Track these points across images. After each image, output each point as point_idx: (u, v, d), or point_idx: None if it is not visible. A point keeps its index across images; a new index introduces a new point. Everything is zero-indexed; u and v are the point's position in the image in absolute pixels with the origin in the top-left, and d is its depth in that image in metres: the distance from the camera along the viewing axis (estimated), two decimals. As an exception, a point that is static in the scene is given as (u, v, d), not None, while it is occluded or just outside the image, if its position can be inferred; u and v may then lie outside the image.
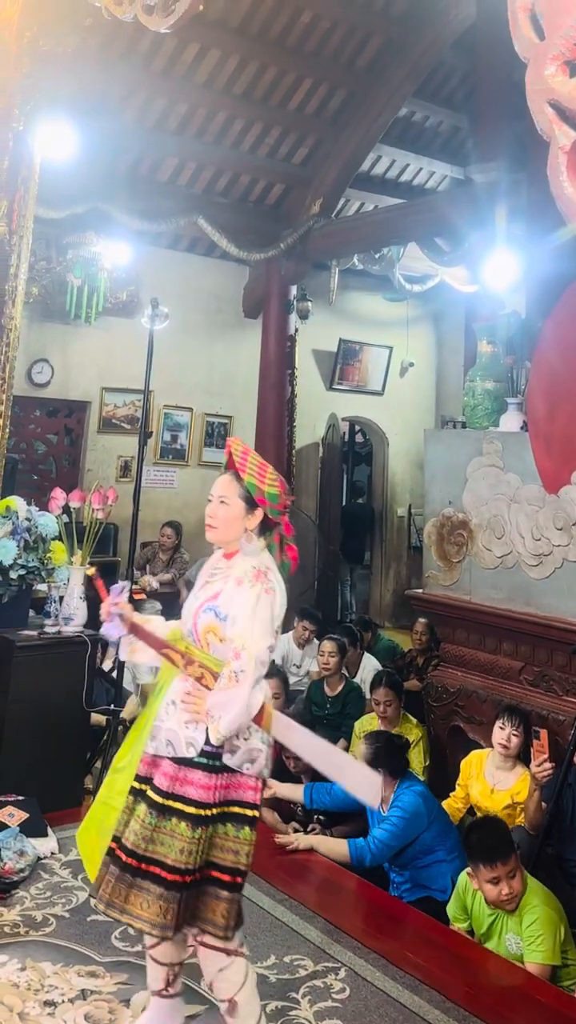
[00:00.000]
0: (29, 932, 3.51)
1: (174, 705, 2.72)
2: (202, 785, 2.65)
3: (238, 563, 2.77)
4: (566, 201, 1.56)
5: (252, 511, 2.77)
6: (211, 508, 2.81)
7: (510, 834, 3.82)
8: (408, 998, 3.25)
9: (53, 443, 9.32)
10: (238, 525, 2.78)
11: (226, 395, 10.22)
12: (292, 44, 8.43)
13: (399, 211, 9.27)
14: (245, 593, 2.67)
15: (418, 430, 11.15)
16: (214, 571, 2.84)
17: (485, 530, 5.30)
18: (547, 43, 1.56)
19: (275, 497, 2.77)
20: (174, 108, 8.47)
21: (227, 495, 2.78)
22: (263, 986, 3.25)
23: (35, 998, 3.12)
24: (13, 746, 4.50)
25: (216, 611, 2.71)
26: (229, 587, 2.71)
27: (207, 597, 2.76)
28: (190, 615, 2.79)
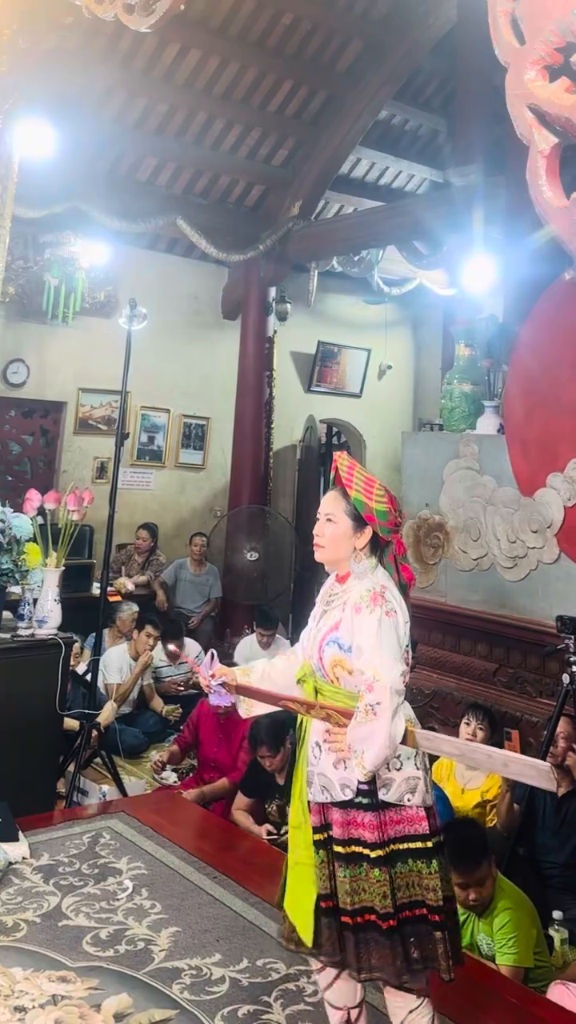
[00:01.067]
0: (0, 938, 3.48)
1: (319, 747, 2.60)
2: (371, 825, 2.52)
3: (354, 587, 2.62)
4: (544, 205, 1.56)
5: (360, 529, 2.64)
6: (318, 527, 2.70)
7: (485, 841, 3.79)
8: (379, 1000, 3.22)
9: (28, 444, 9.24)
10: (346, 544, 2.65)
11: (204, 397, 10.20)
12: (273, 46, 8.44)
13: (378, 214, 9.31)
14: (366, 620, 2.52)
15: (396, 432, 11.15)
16: (331, 597, 2.69)
17: (461, 532, 5.32)
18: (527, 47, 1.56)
19: (384, 514, 2.62)
20: (154, 108, 8.45)
21: (334, 512, 2.66)
22: (235, 990, 3.25)
23: (5, 1003, 3.09)
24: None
25: (339, 643, 2.56)
26: (348, 615, 2.56)
27: (328, 628, 2.61)
28: (315, 647, 2.64)
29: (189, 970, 3.36)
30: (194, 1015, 3.10)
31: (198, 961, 3.42)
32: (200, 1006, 3.15)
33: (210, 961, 3.43)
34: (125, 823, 4.51)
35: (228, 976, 3.34)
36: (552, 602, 4.75)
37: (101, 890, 3.86)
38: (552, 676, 4.79)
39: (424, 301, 11.09)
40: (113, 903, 3.75)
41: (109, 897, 3.80)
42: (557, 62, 1.52)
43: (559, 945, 3.83)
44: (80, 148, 7.86)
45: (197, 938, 3.57)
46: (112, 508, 5.49)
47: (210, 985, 3.28)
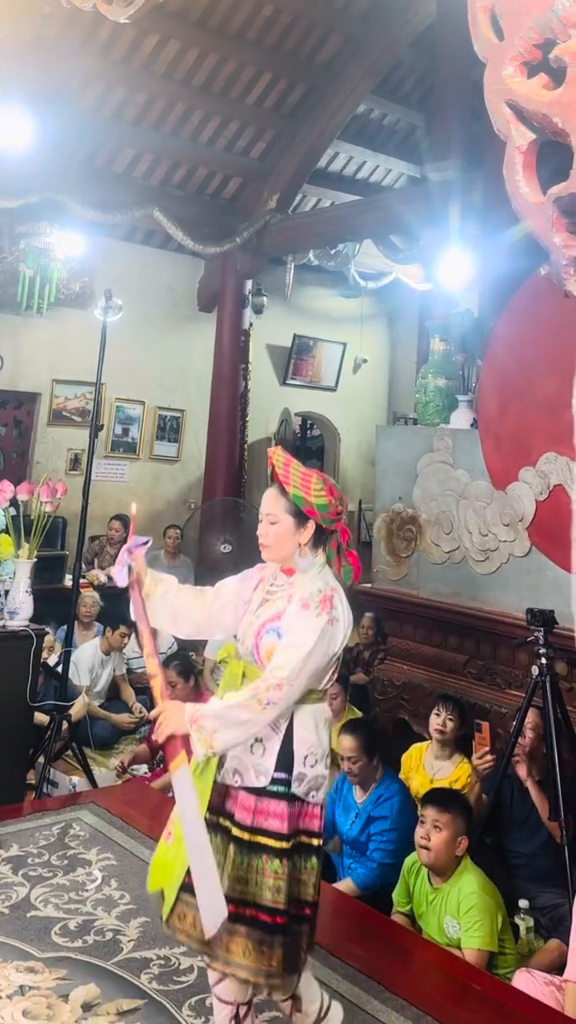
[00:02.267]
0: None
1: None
2: (281, 815, 2.50)
3: (300, 582, 2.62)
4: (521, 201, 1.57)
5: (303, 525, 2.62)
6: (261, 528, 2.67)
7: (462, 799, 3.94)
8: (347, 988, 3.26)
9: (1, 435, 9.19)
10: (291, 541, 2.63)
11: (179, 389, 10.19)
12: (252, 38, 8.42)
13: (355, 208, 9.31)
14: (311, 621, 2.51)
15: (370, 426, 11.18)
16: (273, 587, 2.68)
17: (434, 525, 5.34)
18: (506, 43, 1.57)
19: (325, 507, 2.61)
20: (132, 99, 8.42)
21: (274, 512, 2.64)
22: (203, 979, 3.25)
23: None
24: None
25: (277, 631, 2.56)
26: (293, 608, 2.55)
27: (269, 617, 2.60)
28: (251, 634, 2.63)
29: (157, 960, 3.36)
30: (162, 1004, 3.11)
31: (166, 951, 3.42)
32: (168, 996, 3.16)
33: (178, 951, 3.43)
34: (95, 814, 4.50)
35: (196, 966, 3.34)
36: (523, 595, 4.78)
37: (70, 881, 3.85)
38: (522, 668, 4.82)
39: (400, 295, 11.12)
40: (82, 894, 3.75)
41: (78, 888, 3.80)
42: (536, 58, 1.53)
43: (524, 933, 3.87)
44: (57, 138, 7.82)
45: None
46: (85, 500, 5.48)
47: (178, 975, 3.29)
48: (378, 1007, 3.16)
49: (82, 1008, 3.05)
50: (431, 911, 3.76)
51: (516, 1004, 3.26)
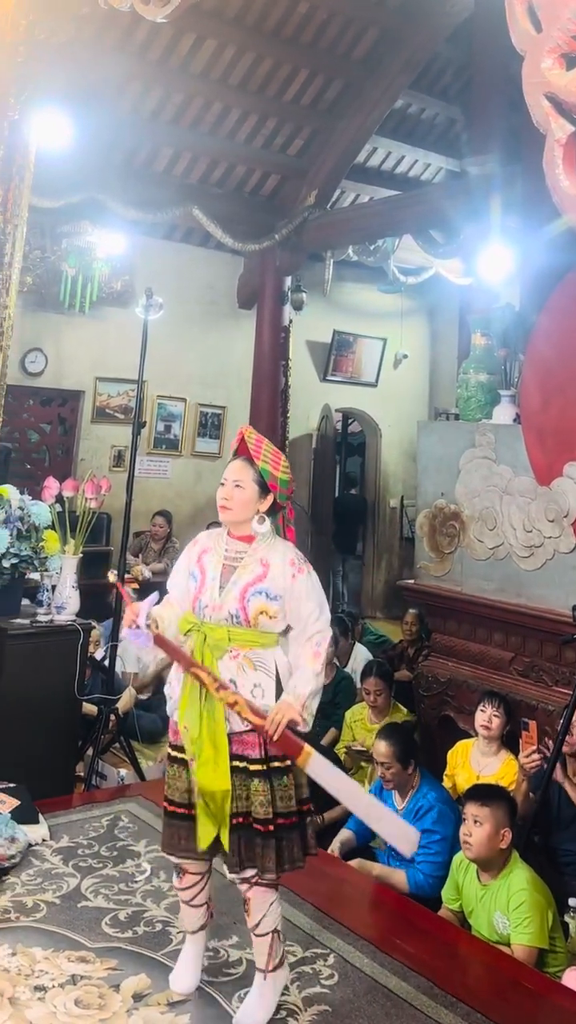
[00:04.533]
0: (20, 918, 3.52)
1: (233, 684, 2.88)
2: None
3: (267, 546, 2.97)
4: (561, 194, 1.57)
5: (264, 495, 2.96)
6: (226, 491, 2.96)
7: (502, 792, 3.95)
8: (396, 984, 3.27)
9: (46, 432, 9.32)
10: (252, 507, 2.95)
11: (220, 385, 10.23)
12: (288, 35, 8.41)
13: (394, 203, 9.28)
14: (305, 582, 2.93)
15: (411, 422, 11.15)
16: (237, 555, 2.97)
17: (477, 521, 5.32)
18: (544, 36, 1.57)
19: (286, 483, 2.99)
20: (170, 98, 8.45)
21: (242, 479, 2.95)
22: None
23: (25, 983, 3.14)
24: (5, 733, 4.51)
25: (267, 592, 2.89)
26: (276, 570, 2.91)
27: (249, 581, 2.90)
28: (233, 599, 2.90)
29: (207, 952, 3.38)
30: (211, 996, 3.14)
31: (215, 943, 3.45)
32: (217, 987, 3.19)
33: (227, 943, 3.47)
34: (143, 807, 4.56)
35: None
36: (568, 591, 4.75)
37: (119, 872, 3.91)
38: (568, 665, 4.80)
39: (440, 290, 11.06)
40: (131, 885, 3.80)
41: (127, 879, 3.85)
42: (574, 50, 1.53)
43: (575, 932, 3.85)
44: (96, 138, 7.87)
45: (215, 921, 3.61)
46: (129, 496, 5.52)
47: (227, 967, 3.32)
48: (427, 1003, 3.17)
49: (133, 998, 3.09)
50: (481, 907, 3.75)
51: (566, 1002, 3.26)
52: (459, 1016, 3.11)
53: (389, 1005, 3.15)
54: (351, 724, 5.64)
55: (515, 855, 3.78)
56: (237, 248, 9.25)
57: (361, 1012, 3.11)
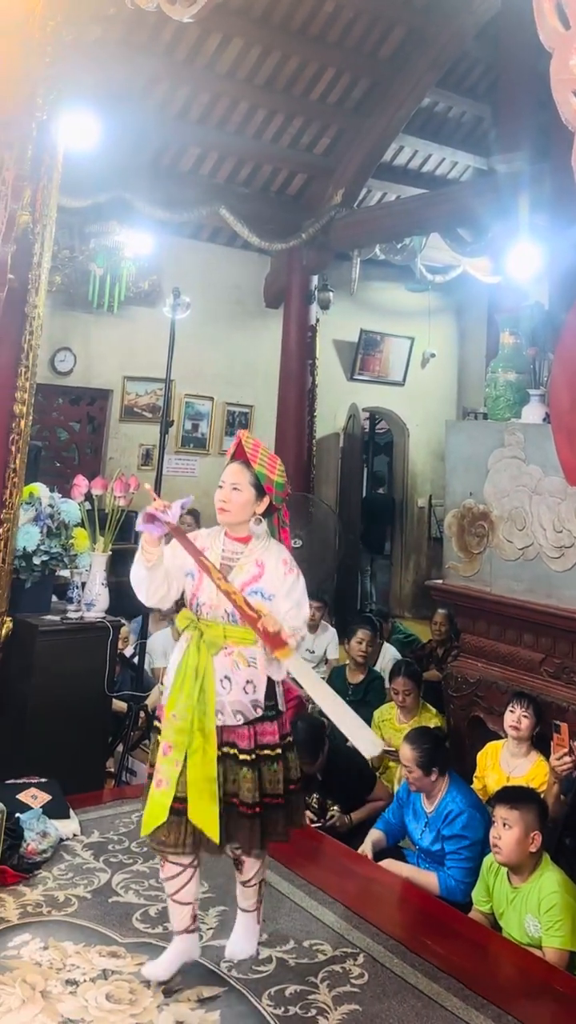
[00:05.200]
0: (52, 912, 3.55)
1: (228, 680, 3.03)
2: (273, 731, 3.11)
3: (261, 548, 3.10)
4: (590, 191, 1.56)
5: (261, 498, 3.09)
6: (224, 493, 3.09)
7: (532, 794, 3.91)
8: (427, 985, 3.26)
9: (75, 431, 9.40)
10: (248, 509, 3.09)
11: (247, 385, 10.25)
12: (314, 33, 8.40)
13: (421, 201, 9.24)
14: (299, 583, 3.08)
15: (439, 421, 11.10)
16: (234, 555, 3.10)
17: (506, 522, 5.29)
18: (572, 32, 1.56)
19: (282, 486, 3.13)
20: (196, 97, 8.47)
21: (239, 482, 3.08)
22: (282, 970, 3.29)
23: (57, 977, 3.16)
24: (37, 729, 4.55)
25: (262, 592, 3.03)
26: (271, 571, 3.04)
27: (246, 580, 3.03)
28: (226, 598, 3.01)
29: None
30: (241, 993, 3.15)
31: (245, 940, 3.47)
32: (247, 984, 3.20)
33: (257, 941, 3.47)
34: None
35: (275, 956, 3.38)
36: (600, 593, 4.72)
37: (150, 868, 3.92)
38: (600, 666, 4.77)
39: (468, 289, 11.01)
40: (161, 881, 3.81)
41: (157, 875, 3.84)
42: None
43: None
44: (123, 138, 7.90)
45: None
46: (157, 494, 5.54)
47: (257, 964, 3.33)
48: (457, 1004, 3.16)
49: (164, 994, 3.10)
50: (511, 910, 3.73)
51: (600, 1004, 3.24)
52: (490, 1018, 3.10)
53: (419, 1006, 3.15)
54: (379, 723, 5.62)
55: (546, 858, 3.75)
56: (264, 247, 9.26)
57: (391, 1012, 3.11)
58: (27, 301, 4.60)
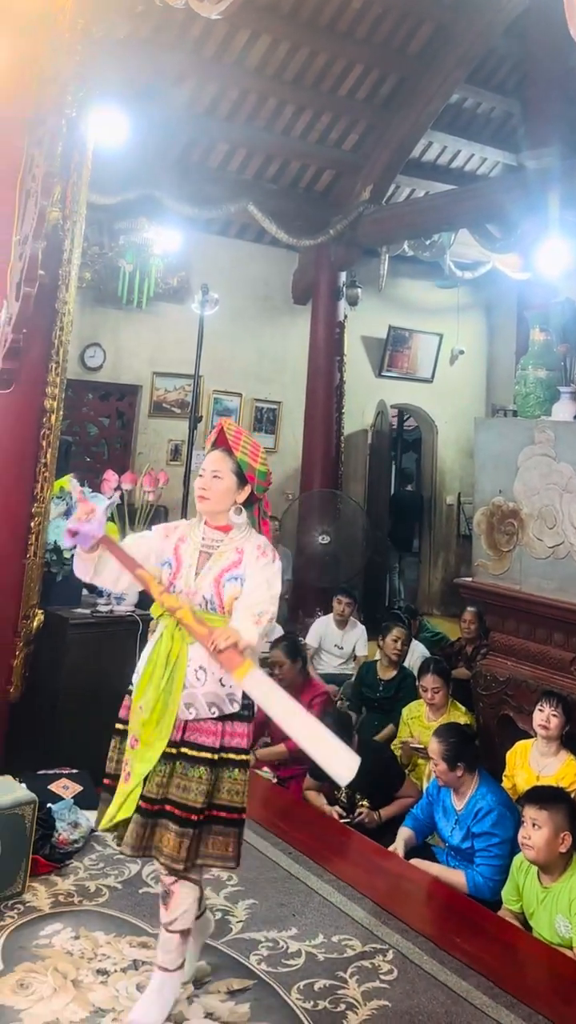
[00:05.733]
0: (83, 902, 3.58)
1: (204, 671, 2.89)
2: (245, 735, 2.95)
3: (242, 536, 3.01)
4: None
5: (242, 486, 3.01)
6: (204, 481, 3.01)
7: (562, 794, 3.89)
8: (456, 982, 3.26)
9: (105, 426, 9.45)
10: (229, 498, 3.00)
11: (275, 381, 10.25)
12: (343, 30, 8.37)
13: (450, 197, 9.19)
14: (269, 567, 2.95)
15: (468, 418, 11.05)
16: (213, 543, 3.01)
17: (536, 520, 5.26)
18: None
19: (264, 475, 3.05)
20: (224, 94, 8.47)
21: (220, 470, 3.00)
22: (311, 964, 3.29)
23: (88, 966, 3.19)
24: (67, 721, 4.58)
25: (241, 579, 2.93)
26: (249, 558, 2.95)
27: (224, 567, 2.95)
28: (207, 584, 2.93)
29: (266, 942, 3.42)
30: (271, 986, 3.16)
31: (275, 934, 3.47)
32: (277, 978, 3.21)
33: (286, 935, 3.48)
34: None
35: (304, 950, 3.39)
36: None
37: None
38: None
39: (497, 285, 10.94)
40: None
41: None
42: None
43: None
44: (152, 135, 7.91)
45: (273, 911, 3.63)
46: (186, 489, 5.57)
47: (286, 958, 3.34)
48: (487, 1002, 3.15)
49: (193, 985, 3.11)
50: (542, 909, 3.71)
51: None
52: (520, 1017, 3.09)
53: (449, 1003, 3.14)
54: (408, 720, 5.61)
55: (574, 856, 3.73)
56: (292, 244, 9.24)
57: (420, 1009, 3.10)
58: (57, 297, 4.62)
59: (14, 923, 3.43)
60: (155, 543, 3.06)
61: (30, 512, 4.48)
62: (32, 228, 4.01)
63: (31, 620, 4.53)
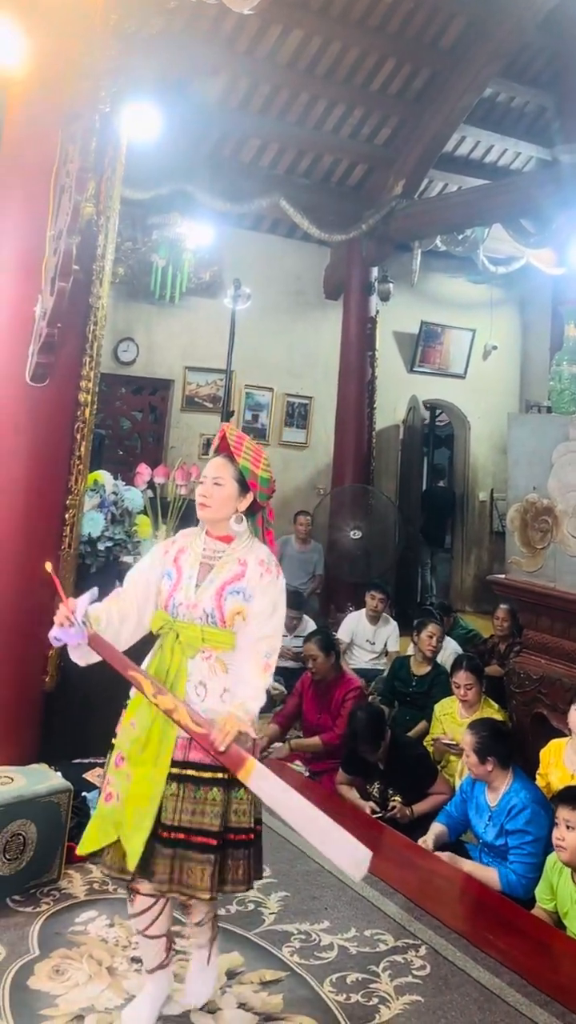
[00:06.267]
0: (117, 890, 3.59)
1: (203, 687, 2.79)
2: (248, 749, 2.73)
3: (244, 547, 2.90)
4: None
5: (244, 494, 2.91)
6: (205, 488, 2.90)
7: None
8: (489, 979, 3.24)
9: (138, 420, 9.52)
10: (231, 505, 2.89)
11: (307, 376, 10.25)
12: (374, 24, 8.35)
13: (483, 192, 9.13)
14: (276, 585, 2.86)
15: (501, 414, 10.95)
16: (213, 553, 2.90)
17: (571, 517, 5.19)
18: None
19: (267, 482, 2.93)
20: (257, 89, 8.48)
21: (221, 476, 2.90)
22: (344, 957, 3.29)
23: (123, 954, 3.21)
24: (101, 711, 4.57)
25: (244, 592, 2.81)
26: (252, 572, 2.83)
27: (226, 580, 2.83)
28: (208, 598, 2.81)
29: (298, 934, 3.42)
30: (303, 978, 3.16)
31: (307, 926, 3.47)
32: (309, 970, 3.21)
33: (319, 927, 3.48)
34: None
35: (337, 943, 3.38)
36: None
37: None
38: None
39: (531, 280, 10.85)
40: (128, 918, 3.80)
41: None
42: None
43: None
44: (184, 130, 7.94)
45: (306, 904, 3.63)
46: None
47: (319, 950, 3.34)
48: (520, 1000, 3.14)
49: (226, 975, 3.12)
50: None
51: None
52: (553, 1015, 3.06)
53: (481, 999, 3.13)
54: (440, 717, 5.58)
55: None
56: (324, 238, 9.24)
57: (453, 1004, 3.09)
58: (91, 292, 4.63)
59: (50, 909, 3.47)
60: (155, 569, 2.93)
61: (64, 504, 4.50)
62: (66, 223, 4.03)
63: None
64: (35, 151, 4.39)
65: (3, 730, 4.27)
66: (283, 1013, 2.98)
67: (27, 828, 3.54)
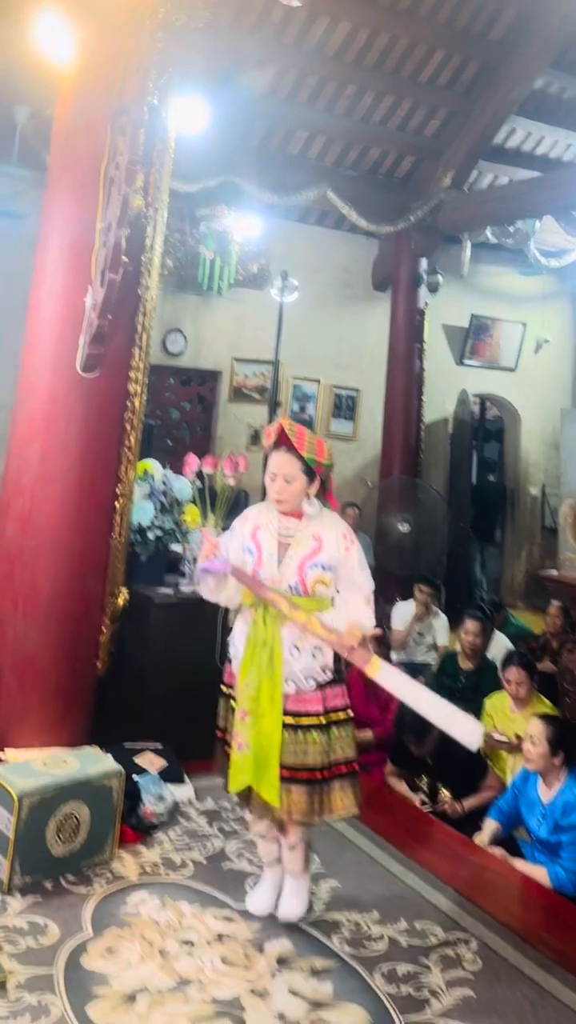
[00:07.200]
0: (168, 873, 3.62)
1: (297, 649, 3.20)
2: (342, 695, 3.28)
3: (319, 522, 3.24)
4: None
5: (312, 481, 3.22)
6: (278, 486, 3.21)
7: None
8: (541, 976, 3.20)
9: (186, 410, 9.56)
10: (302, 495, 3.21)
11: (354, 368, 10.20)
12: (423, 15, 8.26)
13: (534, 184, 9.00)
14: (356, 550, 3.26)
15: (553, 409, 10.85)
16: (288, 531, 3.24)
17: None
18: None
19: (330, 467, 3.28)
20: (304, 80, 8.44)
21: (291, 474, 3.19)
22: (394, 949, 3.27)
23: (174, 936, 3.22)
24: (152, 697, 4.66)
25: (323, 564, 3.19)
26: (330, 545, 3.20)
27: (306, 555, 3.19)
28: (292, 572, 3.18)
29: (348, 924, 3.40)
30: (353, 968, 3.14)
31: (357, 916, 3.46)
32: (360, 960, 3.19)
33: (369, 918, 3.46)
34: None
35: (387, 935, 3.36)
36: None
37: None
38: None
39: (585, 273, 10.72)
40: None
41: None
42: None
43: None
44: (232, 122, 7.93)
45: (355, 894, 3.61)
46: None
47: (369, 941, 3.32)
48: (573, 999, 3.10)
49: (277, 962, 3.11)
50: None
51: None
52: (606, 1013, 3.01)
53: (534, 996, 3.09)
54: (491, 712, 5.51)
55: None
56: (371, 230, 9.17)
57: (505, 1001, 3.06)
58: (140, 283, 4.65)
59: (104, 891, 3.50)
60: (239, 540, 3.31)
61: (115, 493, 4.53)
62: (116, 215, 4.04)
63: (116, 598, 4.59)
64: (85, 144, 4.41)
65: (57, 713, 4.32)
66: (333, 1001, 2.97)
67: (80, 810, 3.59)
